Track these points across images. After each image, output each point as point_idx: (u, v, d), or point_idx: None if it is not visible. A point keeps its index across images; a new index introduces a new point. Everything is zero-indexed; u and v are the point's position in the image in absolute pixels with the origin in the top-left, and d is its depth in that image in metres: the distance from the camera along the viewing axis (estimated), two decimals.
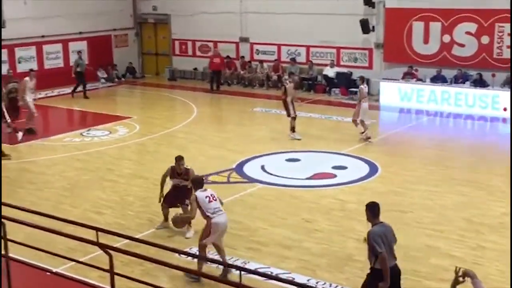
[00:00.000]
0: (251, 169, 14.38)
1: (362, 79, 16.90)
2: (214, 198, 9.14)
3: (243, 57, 25.69)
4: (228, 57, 25.82)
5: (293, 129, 17.03)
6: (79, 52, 24.22)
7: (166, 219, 10.90)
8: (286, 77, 17.77)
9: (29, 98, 17.67)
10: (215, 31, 26.02)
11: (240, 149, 16.11)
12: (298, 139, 16.83)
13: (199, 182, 9.35)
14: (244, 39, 25.77)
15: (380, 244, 7.06)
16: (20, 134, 17.02)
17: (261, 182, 13.47)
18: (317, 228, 10.94)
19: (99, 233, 7.68)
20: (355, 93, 22.04)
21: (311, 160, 15.25)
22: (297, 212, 11.71)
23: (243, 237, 10.56)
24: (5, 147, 16.02)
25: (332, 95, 23.08)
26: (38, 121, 20.29)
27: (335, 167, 14.47)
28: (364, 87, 16.63)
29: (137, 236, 9.87)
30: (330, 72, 23.39)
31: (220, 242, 9.24)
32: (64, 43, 25.58)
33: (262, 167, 14.55)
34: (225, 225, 9.23)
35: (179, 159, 10.59)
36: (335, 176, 13.91)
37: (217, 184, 13.37)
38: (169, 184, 10.90)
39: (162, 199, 10.79)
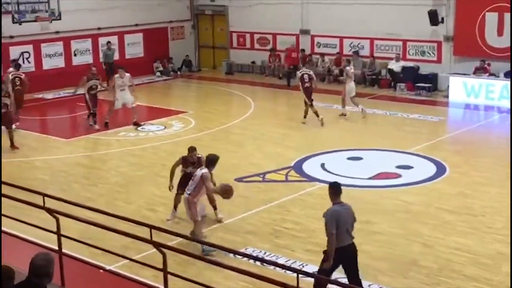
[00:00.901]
0: (310, 168, 14.32)
1: (349, 61, 19.65)
2: None
3: (303, 50, 25.59)
4: (303, 50, 25.71)
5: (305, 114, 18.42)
6: (108, 42, 24.51)
7: (176, 207, 11.37)
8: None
9: (118, 94, 18.14)
10: (274, 23, 26.02)
11: (299, 146, 16.07)
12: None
13: (215, 161, 10.37)
14: (305, 31, 25.67)
15: (333, 224, 7.73)
16: (96, 126, 18.08)
17: (320, 181, 13.39)
18: (379, 230, 10.81)
19: (153, 230, 7.79)
20: (423, 88, 21.78)
21: (374, 159, 15.08)
22: (358, 213, 11.49)
23: (301, 238, 10.53)
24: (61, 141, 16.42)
25: (398, 91, 22.77)
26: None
27: (399, 167, 14.28)
28: (349, 68, 18.97)
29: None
30: (396, 66, 23.07)
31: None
32: (120, 35, 26.07)
33: (322, 166, 14.47)
34: None
35: (192, 150, 11.33)
36: (399, 176, 13.73)
37: (274, 183, 13.38)
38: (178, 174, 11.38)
39: (172, 188, 11.39)
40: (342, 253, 7.86)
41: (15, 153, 15.72)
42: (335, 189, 8.24)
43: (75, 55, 24.73)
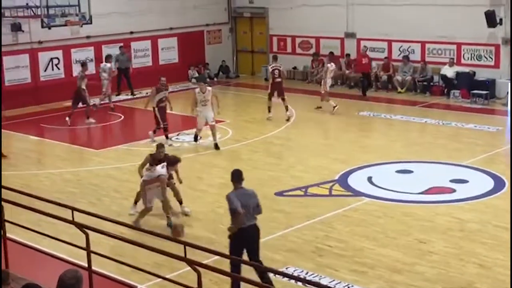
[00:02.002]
0: (356, 181, 14.26)
1: (330, 59, 21.97)
2: None
3: (348, 54, 25.53)
4: (331, 53, 25.75)
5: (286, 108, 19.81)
6: (120, 47, 24.60)
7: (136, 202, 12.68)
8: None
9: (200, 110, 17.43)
10: (317, 26, 26.02)
11: (344, 158, 16.01)
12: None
13: (174, 162, 12.06)
14: (350, 35, 25.61)
15: (237, 204, 8.85)
16: (153, 137, 17.78)
17: (367, 196, 13.32)
18: (432, 250, 10.70)
19: (187, 247, 7.83)
20: (479, 95, 21.52)
21: (426, 172, 14.95)
22: (409, 231, 11.49)
23: (346, 257, 10.48)
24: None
25: (451, 98, 22.53)
26: (126, 124, 21.09)
27: (453, 181, 14.12)
28: (330, 66, 20.95)
29: (228, 253, 9.99)
30: (449, 71, 22.84)
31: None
32: (153, 39, 26.39)
33: (369, 179, 14.40)
34: None
35: (160, 146, 12.70)
36: (453, 191, 13.57)
37: (317, 197, 13.35)
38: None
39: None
40: (243, 233, 8.97)
41: (44, 165, 15.98)
42: (236, 176, 9.32)
43: (127, 58, 25.10)
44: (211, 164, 15.98)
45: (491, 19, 21.60)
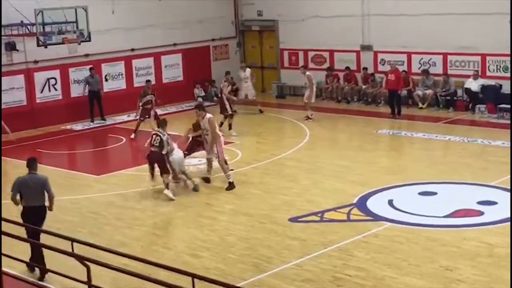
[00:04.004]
0: (376, 205, 14.22)
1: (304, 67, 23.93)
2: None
3: (365, 68, 25.59)
4: (347, 68, 25.85)
5: (230, 126, 21.06)
6: (91, 68, 24.30)
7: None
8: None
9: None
10: (331, 39, 26.11)
11: (362, 180, 15.99)
12: (235, 136, 20.64)
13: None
14: (366, 47, 25.68)
15: (15, 190, 11.22)
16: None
17: (388, 220, 13.28)
18: (459, 277, 10.64)
19: (196, 280, 7.82)
20: (506, 110, 21.47)
21: (451, 193, 14.90)
22: (434, 257, 11.44)
23: (366, 287, 10.43)
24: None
25: (477, 113, 22.50)
26: (128, 148, 21.19)
27: (481, 203, 14.06)
28: (310, 74, 23.16)
29: (239, 285, 9.98)
30: (474, 85, 22.83)
31: None
32: (156, 56, 26.54)
33: (390, 202, 14.36)
34: None
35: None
36: (481, 213, 13.51)
37: (334, 223, 13.32)
38: None
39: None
40: (28, 211, 11.21)
41: None
42: (28, 162, 11.43)
43: (106, 80, 25.20)
44: (220, 189, 15.98)
45: None
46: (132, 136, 21.19)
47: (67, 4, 22.73)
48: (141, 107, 21.30)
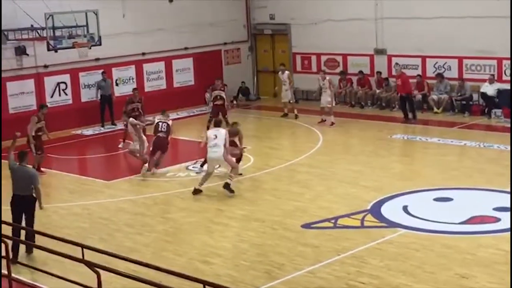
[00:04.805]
0: (390, 211, 14.17)
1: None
2: None
3: (379, 72, 25.53)
4: (361, 72, 25.81)
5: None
6: (103, 72, 24.45)
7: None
8: None
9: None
10: (344, 42, 26.09)
11: (376, 185, 15.94)
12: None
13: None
14: (380, 51, 25.64)
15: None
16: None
17: (403, 227, 13.22)
18: (475, 286, 10.59)
19: (207, 287, 7.80)
20: None
21: (467, 199, 14.85)
22: (450, 265, 11.38)
23: None
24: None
25: (493, 118, 22.41)
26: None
27: (497, 209, 13.98)
28: (330, 78, 23.34)
29: None
30: (490, 89, 22.75)
31: None
32: (167, 61, 26.58)
33: (405, 208, 14.31)
34: None
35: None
36: (498, 220, 13.43)
37: (348, 229, 13.28)
38: None
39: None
40: (17, 200, 12.08)
41: (52, 198, 16.07)
42: (19, 154, 12.50)
43: (117, 84, 25.25)
44: (232, 194, 15.96)
45: None
46: (120, 145, 20.76)
47: (77, 8, 22.78)
48: (127, 118, 20.06)
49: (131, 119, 19.21)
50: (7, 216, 12.11)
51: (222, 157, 15.66)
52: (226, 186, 15.70)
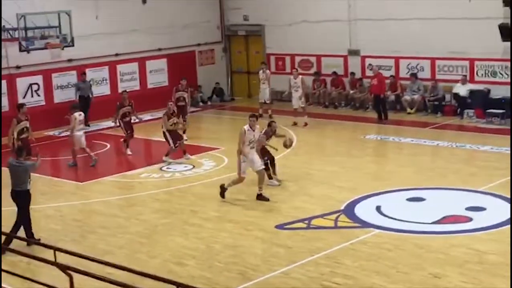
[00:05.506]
0: (364, 211, 14.22)
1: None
2: None
3: (353, 73, 25.64)
4: (334, 73, 25.89)
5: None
6: (83, 74, 24.32)
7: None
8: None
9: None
10: (318, 43, 26.18)
11: (350, 186, 15.99)
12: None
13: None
14: (354, 52, 25.74)
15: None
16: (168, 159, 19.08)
17: (376, 227, 13.27)
18: (448, 285, 10.64)
19: None
20: (495, 115, 21.56)
21: (439, 199, 14.91)
22: (423, 265, 11.44)
23: None
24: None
25: (465, 118, 22.60)
26: (112, 154, 21.10)
27: (470, 209, 14.08)
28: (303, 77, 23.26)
29: None
30: (462, 89, 22.93)
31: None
32: (140, 61, 26.49)
33: (378, 209, 14.36)
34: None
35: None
36: (470, 219, 13.52)
37: (322, 230, 13.30)
38: None
39: None
40: (16, 194, 12.82)
41: None
42: (17, 149, 13.50)
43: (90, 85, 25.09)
44: (206, 195, 15.94)
45: (506, 32, 21.69)
46: (129, 152, 20.11)
47: (49, 9, 22.66)
48: (121, 121, 20.15)
49: None
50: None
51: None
52: (258, 197, 15.21)
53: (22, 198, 12.90)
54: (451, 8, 22.92)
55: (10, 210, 13.29)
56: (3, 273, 9.87)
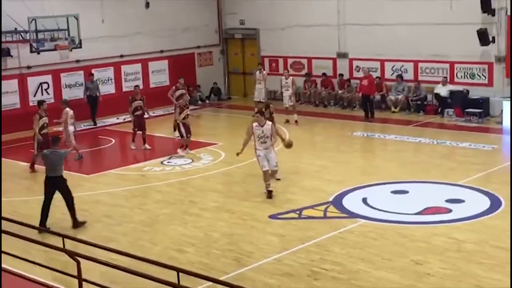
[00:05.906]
0: (351, 203, 14.25)
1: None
2: None
3: (341, 75, 25.65)
4: (324, 74, 25.90)
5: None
6: (91, 74, 24.22)
7: None
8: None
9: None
10: (309, 46, 26.19)
11: (338, 179, 16.01)
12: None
13: None
14: (343, 55, 25.76)
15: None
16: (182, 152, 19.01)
17: (362, 217, 13.30)
18: (429, 271, 10.66)
19: (181, 274, 7.79)
20: (473, 114, 21.61)
21: (421, 192, 14.95)
22: (405, 252, 11.46)
23: (342, 280, 10.44)
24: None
25: (445, 117, 22.62)
26: (117, 149, 21.08)
27: (449, 201, 14.11)
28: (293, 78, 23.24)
29: (222, 278, 9.96)
30: (443, 90, 22.96)
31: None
32: (143, 62, 26.47)
33: (364, 200, 14.39)
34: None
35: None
36: (449, 211, 13.55)
37: (312, 220, 13.32)
38: None
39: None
40: (52, 181, 13.11)
41: (34, 191, 15.90)
42: (53, 139, 13.84)
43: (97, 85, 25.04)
44: (204, 187, 15.95)
45: (484, 38, 21.75)
46: (133, 147, 19.94)
47: (59, 13, 22.62)
48: (132, 116, 19.94)
49: None
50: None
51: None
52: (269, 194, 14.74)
53: (59, 183, 13.20)
54: (432, 14, 22.94)
55: (36, 199, 13.26)
56: (16, 260, 9.89)
